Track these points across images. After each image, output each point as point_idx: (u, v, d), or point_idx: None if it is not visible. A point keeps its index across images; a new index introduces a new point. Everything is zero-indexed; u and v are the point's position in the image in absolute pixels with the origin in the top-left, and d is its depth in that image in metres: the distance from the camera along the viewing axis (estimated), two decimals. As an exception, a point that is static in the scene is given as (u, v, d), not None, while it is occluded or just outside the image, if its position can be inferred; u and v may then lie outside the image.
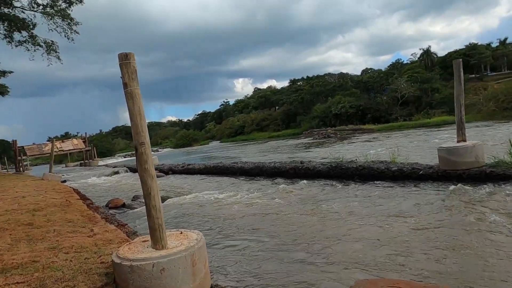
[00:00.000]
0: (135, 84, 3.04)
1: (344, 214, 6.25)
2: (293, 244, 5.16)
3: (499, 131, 19.12)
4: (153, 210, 3.03)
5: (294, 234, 5.57)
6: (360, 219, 5.82)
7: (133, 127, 3.04)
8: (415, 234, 4.90)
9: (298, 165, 10.67)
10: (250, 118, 73.20)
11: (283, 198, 8.09)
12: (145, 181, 3.03)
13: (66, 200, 9.19)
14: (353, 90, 59.31)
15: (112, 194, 12.43)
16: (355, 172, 8.94)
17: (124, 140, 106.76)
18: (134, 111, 3.01)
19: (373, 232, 5.11)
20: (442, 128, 27.49)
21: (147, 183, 3.03)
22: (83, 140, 36.19)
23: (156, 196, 3.06)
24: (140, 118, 3.04)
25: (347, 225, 5.64)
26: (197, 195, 10.04)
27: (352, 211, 6.39)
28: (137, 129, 3.03)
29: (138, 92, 3.07)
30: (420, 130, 28.91)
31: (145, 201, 3.06)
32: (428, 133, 23.71)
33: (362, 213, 6.18)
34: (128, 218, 8.06)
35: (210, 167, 14.62)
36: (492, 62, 71.89)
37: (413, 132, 27.59)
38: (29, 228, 5.61)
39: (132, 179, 17.39)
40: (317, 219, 6.19)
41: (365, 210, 6.31)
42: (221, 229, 6.34)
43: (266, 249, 5.08)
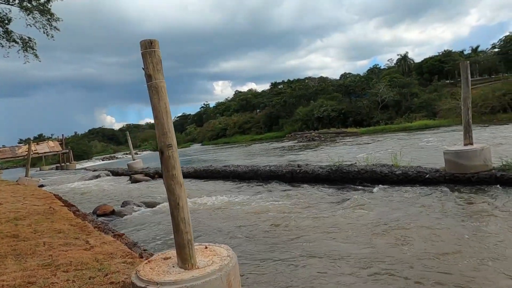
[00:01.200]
0: (160, 76, 2.61)
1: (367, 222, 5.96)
2: (318, 253, 4.81)
3: (482, 134, 19.56)
4: (182, 223, 2.60)
5: (315, 241, 5.22)
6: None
7: (159, 127, 2.60)
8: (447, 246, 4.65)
9: (296, 168, 10.36)
10: (232, 121, 72.62)
11: (294, 204, 7.74)
12: (172, 189, 2.60)
13: (49, 207, 8.47)
14: (335, 94, 59.98)
15: (96, 200, 11.70)
16: (357, 176, 8.71)
17: (101, 142, 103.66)
18: (159, 108, 2.58)
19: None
20: (425, 132, 28.02)
21: (175, 192, 2.60)
22: (60, 142, 34.56)
23: (185, 207, 2.64)
24: (167, 116, 2.61)
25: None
26: (190, 200, 9.54)
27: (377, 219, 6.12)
28: (164, 129, 2.59)
29: (164, 85, 2.64)
30: (403, 133, 29.37)
31: (173, 213, 2.62)
32: (412, 137, 24.06)
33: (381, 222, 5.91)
34: (121, 226, 7.47)
35: (200, 170, 14.09)
36: (465, 69, 74.44)
37: (397, 135, 27.97)
38: (14, 240, 4.99)
39: (114, 183, 16.58)
40: (334, 227, 5.87)
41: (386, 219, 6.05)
42: (228, 237, 5.90)
43: (290, 260, 4.71)
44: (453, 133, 22.25)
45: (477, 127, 24.68)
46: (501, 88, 31.28)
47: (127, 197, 11.41)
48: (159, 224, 7.35)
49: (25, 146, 31.08)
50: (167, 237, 6.26)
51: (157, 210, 8.81)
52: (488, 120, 28.63)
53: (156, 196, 10.83)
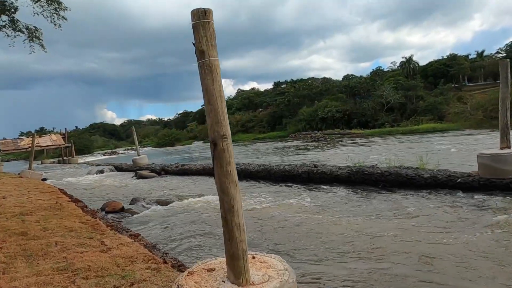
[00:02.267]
0: (214, 53, 2.18)
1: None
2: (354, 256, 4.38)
3: (496, 139, 19.07)
4: (237, 230, 2.17)
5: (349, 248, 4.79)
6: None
7: (212, 113, 2.17)
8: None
9: (312, 168, 9.92)
10: (234, 119, 72.07)
11: (316, 206, 7.32)
12: (226, 189, 2.17)
13: (56, 202, 8.05)
14: (339, 95, 59.55)
15: (103, 195, 11.27)
16: (380, 178, 8.28)
17: (102, 137, 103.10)
18: (213, 91, 2.15)
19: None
20: (434, 135, 27.57)
21: (230, 193, 2.17)
22: (62, 136, 34.11)
23: (240, 210, 2.21)
24: (221, 101, 2.19)
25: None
26: (204, 199, 9.14)
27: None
28: (218, 116, 2.16)
29: (218, 64, 2.21)
30: (411, 136, 28.92)
31: (225, 217, 2.19)
32: (422, 139, 23.61)
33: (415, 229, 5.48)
34: (132, 224, 7.04)
35: (209, 168, 13.63)
36: (469, 73, 74.20)
37: (406, 138, 27.52)
38: (23, 239, 4.57)
39: (119, 179, 16.16)
40: (365, 230, 5.44)
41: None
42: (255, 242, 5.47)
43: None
44: (464, 137, 21.80)
45: (489, 132, 24.24)
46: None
47: (135, 194, 10.98)
48: (173, 224, 6.93)
49: (28, 139, 30.64)
50: (183, 239, 5.85)
51: (170, 209, 8.39)
52: (497, 125, 28.10)
53: (166, 194, 10.41)
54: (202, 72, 2.16)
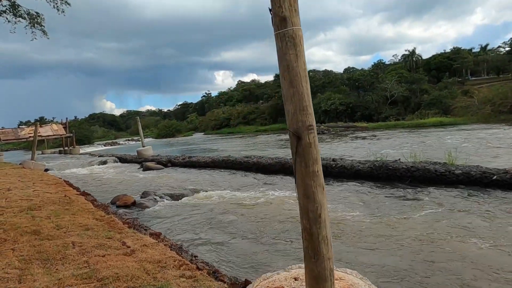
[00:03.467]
0: (297, 20, 1.72)
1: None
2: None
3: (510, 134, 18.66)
4: (324, 245, 1.73)
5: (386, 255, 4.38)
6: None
7: (294, 98, 1.72)
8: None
9: (331, 162, 9.50)
10: (236, 111, 71.50)
11: (345, 204, 6.89)
12: (312, 194, 1.72)
13: (64, 196, 7.63)
14: (342, 88, 58.94)
15: (110, 188, 10.85)
16: (406, 174, 7.86)
17: (102, 128, 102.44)
18: (297, 70, 1.70)
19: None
20: (441, 129, 27.13)
21: (316, 199, 1.72)
22: (63, 125, 33.53)
23: (328, 220, 1.77)
24: (306, 82, 1.73)
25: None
26: (216, 193, 8.71)
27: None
28: (302, 102, 1.71)
29: (302, 35, 1.75)
30: (418, 130, 28.47)
31: (310, 229, 1.75)
32: (430, 134, 23.17)
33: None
34: (145, 219, 6.63)
35: (219, 160, 13.22)
36: (472, 67, 73.61)
37: (412, 132, 27.08)
38: (36, 239, 4.13)
39: (125, 170, 15.72)
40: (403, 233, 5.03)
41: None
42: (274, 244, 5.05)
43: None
44: (476, 132, 21.36)
45: (502, 126, 23.82)
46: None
47: (144, 187, 10.57)
48: (189, 220, 6.50)
49: (29, 128, 30.08)
50: (204, 238, 5.42)
51: (183, 204, 7.97)
52: (506, 119, 27.69)
53: (177, 187, 9.97)
54: (283, 45, 1.70)
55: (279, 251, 4.60)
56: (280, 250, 4.64)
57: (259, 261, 4.32)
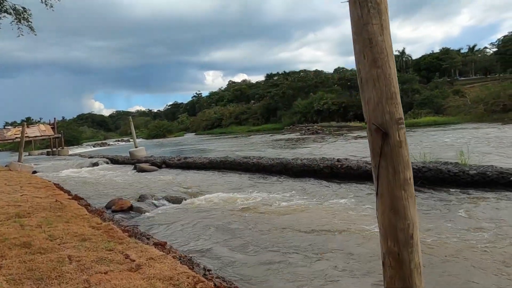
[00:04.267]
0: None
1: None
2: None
3: (508, 132, 18.63)
4: (416, 274, 1.34)
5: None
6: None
7: (378, 81, 1.32)
8: None
9: (336, 163, 9.14)
10: (228, 111, 70.97)
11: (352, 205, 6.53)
12: (402, 208, 1.33)
13: (55, 201, 7.08)
14: (334, 87, 59.01)
15: (103, 191, 10.31)
16: (417, 174, 7.54)
17: (90, 128, 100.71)
18: (383, 46, 1.31)
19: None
20: (435, 128, 27.14)
21: (408, 214, 1.33)
22: (52, 126, 32.53)
23: (419, 241, 1.36)
24: (393, 63, 1.32)
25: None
26: (218, 196, 8.26)
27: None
28: (390, 88, 1.33)
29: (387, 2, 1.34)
30: (412, 129, 28.45)
31: (399, 253, 1.34)
32: (426, 133, 23.10)
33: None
34: (145, 226, 6.15)
35: (217, 161, 12.75)
36: (461, 68, 74.63)
37: (408, 131, 26.98)
38: (27, 252, 3.64)
39: (117, 172, 15.13)
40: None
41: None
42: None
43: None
44: (472, 131, 21.34)
45: (492, 125, 23.90)
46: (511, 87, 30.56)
47: (139, 190, 10.05)
48: (192, 226, 6.05)
49: (15, 129, 29.04)
50: (212, 247, 4.94)
51: (184, 208, 7.51)
52: (499, 119, 27.88)
53: (175, 189, 9.49)
54: (363, 13, 1.30)
55: (298, 266, 4.18)
56: (299, 264, 4.20)
57: (280, 276, 3.90)
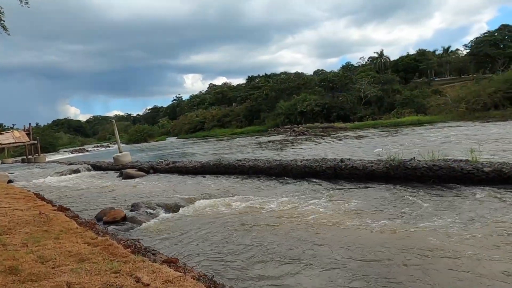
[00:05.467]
0: None
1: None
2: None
3: (491, 130, 18.90)
4: None
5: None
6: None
7: None
8: None
9: (339, 163, 8.76)
10: (210, 114, 70.14)
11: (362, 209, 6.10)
12: None
13: (39, 213, 6.34)
14: (317, 89, 59.34)
15: (90, 200, 9.53)
16: (428, 173, 7.25)
17: (67, 134, 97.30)
18: None
19: None
20: (420, 127, 27.46)
21: None
22: (27, 132, 30.83)
23: None
24: None
25: None
26: (218, 202, 7.71)
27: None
28: None
29: None
30: (398, 128, 28.71)
31: None
32: (414, 132, 23.25)
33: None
34: (146, 240, 5.52)
35: (209, 165, 12.15)
36: (436, 68, 76.87)
37: (394, 130, 27.21)
38: (15, 281, 2.99)
39: (101, 179, 14.27)
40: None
41: None
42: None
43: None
44: (454, 129, 21.63)
45: (475, 123, 24.35)
46: (491, 86, 31.40)
47: (130, 197, 9.35)
48: (200, 238, 5.46)
49: (-14, 136, 27.33)
50: (231, 265, 4.27)
51: (183, 216, 6.91)
52: (480, 116, 28.53)
53: (167, 196, 8.84)
54: None
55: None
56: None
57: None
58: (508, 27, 69.48)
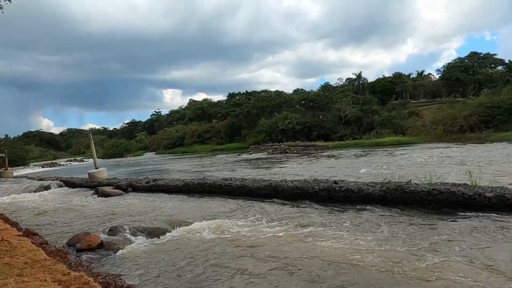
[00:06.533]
0: None
1: None
2: None
3: (475, 151, 19.23)
4: None
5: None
6: None
7: None
8: None
9: (333, 185, 8.37)
10: (190, 130, 69.14)
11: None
12: None
13: (1, 239, 5.52)
14: (298, 107, 59.93)
15: (62, 222, 8.66)
16: (427, 197, 6.97)
17: (38, 147, 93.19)
18: None
19: None
20: (400, 147, 27.82)
21: None
22: (-6, 144, 28.94)
23: None
24: None
25: None
26: (202, 226, 7.07)
27: None
28: None
29: None
30: (378, 148, 28.97)
31: None
32: (395, 152, 23.42)
33: None
34: (126, 273, 4.84)
35: (193, 184, 11.48)
36: (411, 91, 79.86)
37: (374, 150, 27.41)
38: None
39: (74, 197, 13.27)
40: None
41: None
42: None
43: None
44: (435, 150, 21.97)
45: (454, 145, 24.87)
46: (465, 109, 32.55)
47: (106, 219, 8.58)
48: (189, 271, 4.83)
49: None
50: None
51: (167, 243, 6.25)
52: (457, 138, 29.29)
53: (148, 218, 8.13)
54: None
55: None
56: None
57: None
58: (477, 54, 73.50)
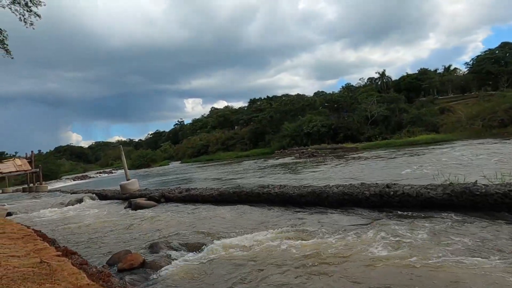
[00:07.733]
0: None
1: None
2: None
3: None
4: None
5: None
6: None
7: None
8: None
9: (385, 189, 7.62)
10: (214, 137, 69.33)
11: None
12: None
13: (40, 261, 5.16)
14: (322, 110, 58.83)
15: (99, 238, 8.33)
16: (502, 200, 6.10)
17: (69, 161, 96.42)
18: None
19: None
20: (435, 145, 26.36)
21: None
22: (28, 160, 29.79)
23: None
24: None
25: None
26: (246, 240, 6.51)
27: None
28: None
29: None
30: (413, 148, 27.59)
31: None
32: (433, 151, 22.11)
33: None
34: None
35: (228, 193, 10.98)
36: (439, 87, 76.91)
37: (408, 149, 26.10)
38: None
39: (108, 209, 13.10)
40: None
41: None
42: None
43: None
44: (478, 146, 20.53)
45: (496, 141, 23.25)
46: (505, 102, 30.53)
47: (144, 234, 8.18)
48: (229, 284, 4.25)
49: (-14, 166, 26.28)
50: None
51: (211, 259, 5.71)
52: (498, 133, 27.48)
53: (186, 231, 7.66)
54: None
55: None
56: None
57: None
58: (508, 44, 69.70)
